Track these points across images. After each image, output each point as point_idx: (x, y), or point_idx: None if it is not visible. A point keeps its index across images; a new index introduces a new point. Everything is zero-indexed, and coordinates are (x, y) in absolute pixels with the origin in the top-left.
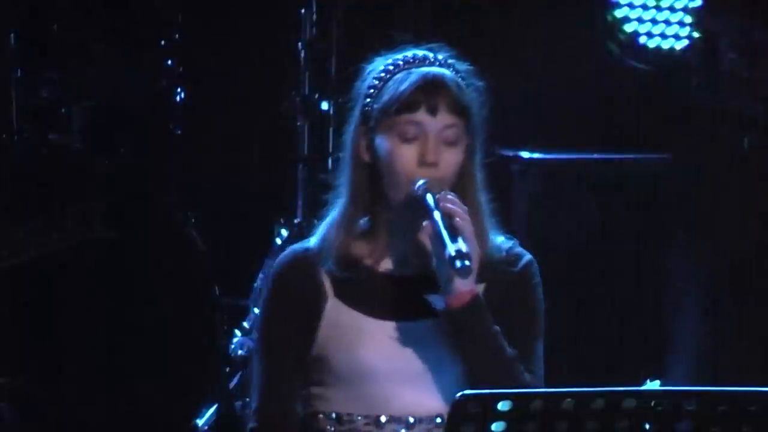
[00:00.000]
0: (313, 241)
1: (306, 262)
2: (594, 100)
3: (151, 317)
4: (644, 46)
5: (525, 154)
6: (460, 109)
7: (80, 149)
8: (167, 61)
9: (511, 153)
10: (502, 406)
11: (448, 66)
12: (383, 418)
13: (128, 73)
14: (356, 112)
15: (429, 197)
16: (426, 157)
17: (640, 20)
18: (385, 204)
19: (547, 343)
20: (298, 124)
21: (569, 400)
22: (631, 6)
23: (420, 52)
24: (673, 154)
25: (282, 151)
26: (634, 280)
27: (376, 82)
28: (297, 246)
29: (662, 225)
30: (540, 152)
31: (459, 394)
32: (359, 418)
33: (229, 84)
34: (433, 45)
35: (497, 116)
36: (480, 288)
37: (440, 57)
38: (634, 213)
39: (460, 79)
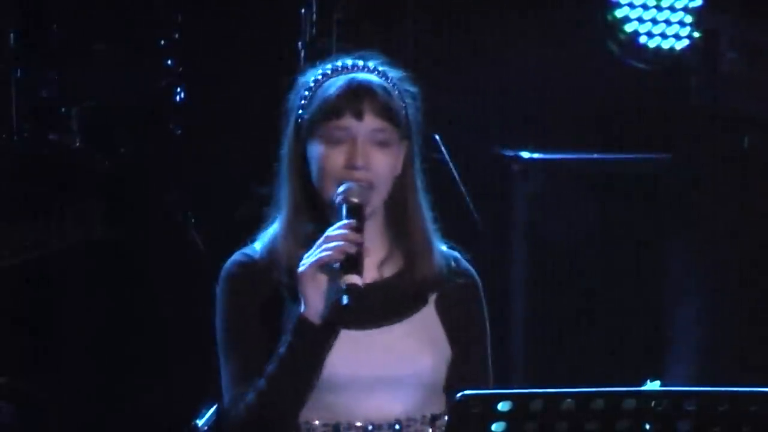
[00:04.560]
0: (257, 248)
1: (256, 269)
2: (594, 100)
3: (151, 317)
4: (644, 46)
5: (525, 154)
6: (387, 113)
7: (80, 149)
8: (167, 61)
9: (511, 153)
10: (503, 406)
11: (377, 72)
12: (342, 426)
13: (128, 73)
14: (290, 125)
15: (344, 209)
16: (354, 160)
17: (640, 20)
18: (326, 211)
19: (548, 343)
20: None
21: (569, 400)
22: (631, 6)
23: (349, 61)
24: (673, 154)
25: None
26: (634, 279)
27: (307, 93)
28: (243, 253)
29: (662, 225)
30: (540, 152)
31: (459, 395)
32: (318, 425)
33: (229, 84)
34: (364, 53)
35: (497, 116)
36: (432, 297)
37: (370, 64)
38: (634, 213)
39: (389, 85)
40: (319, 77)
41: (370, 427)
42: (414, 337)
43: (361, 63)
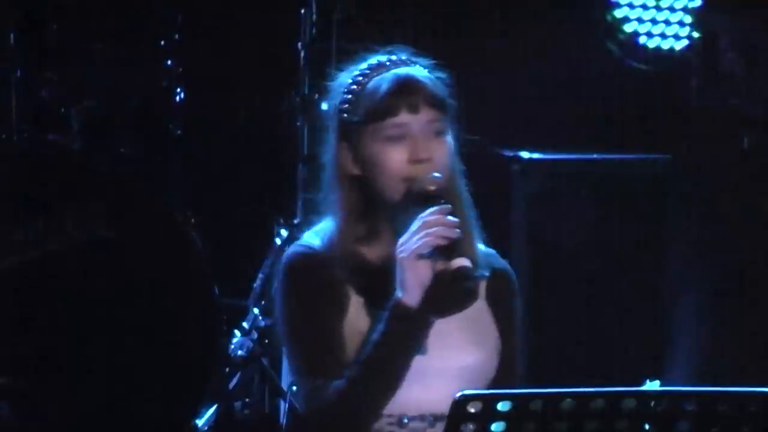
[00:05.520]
0: (315, 243)
1: (319, 261)
2: (594, 100)
3: (151, 317)
4: (644, 46)
5: (525, 154)
6: (439, 103)
7: (80, 149)
8: (167, 61)
9: (511, 153)
10: (502, 406)
11: (414, 63)
12: (406, 419)
13: (128, 73)
14: (333, 129)
15: (427, 198)
16: (418, 154)
17: (640, 20)
18: (382, 210)
19: (547, 343)
20: (298, 124)
21: (569, 400)
22: (631, 6)
23: (383, 57)
24: (673, 154)
25: (282, 151)
26: (634, 279)
27: (349, 96)
28: (305, 245)
29: (662, 225)
30: (540, 152)
31: (459, 394)
32: (382, 417)
33: (229, 84)
34: (391, 48)
35: (497, 116)
36: (482, 290)
37: (403, 57)
38: (634, 213)
39: (429, 73)
40: (360, 78)
41: (432, 419)
42: (468, 330)
43: (395, 57)
